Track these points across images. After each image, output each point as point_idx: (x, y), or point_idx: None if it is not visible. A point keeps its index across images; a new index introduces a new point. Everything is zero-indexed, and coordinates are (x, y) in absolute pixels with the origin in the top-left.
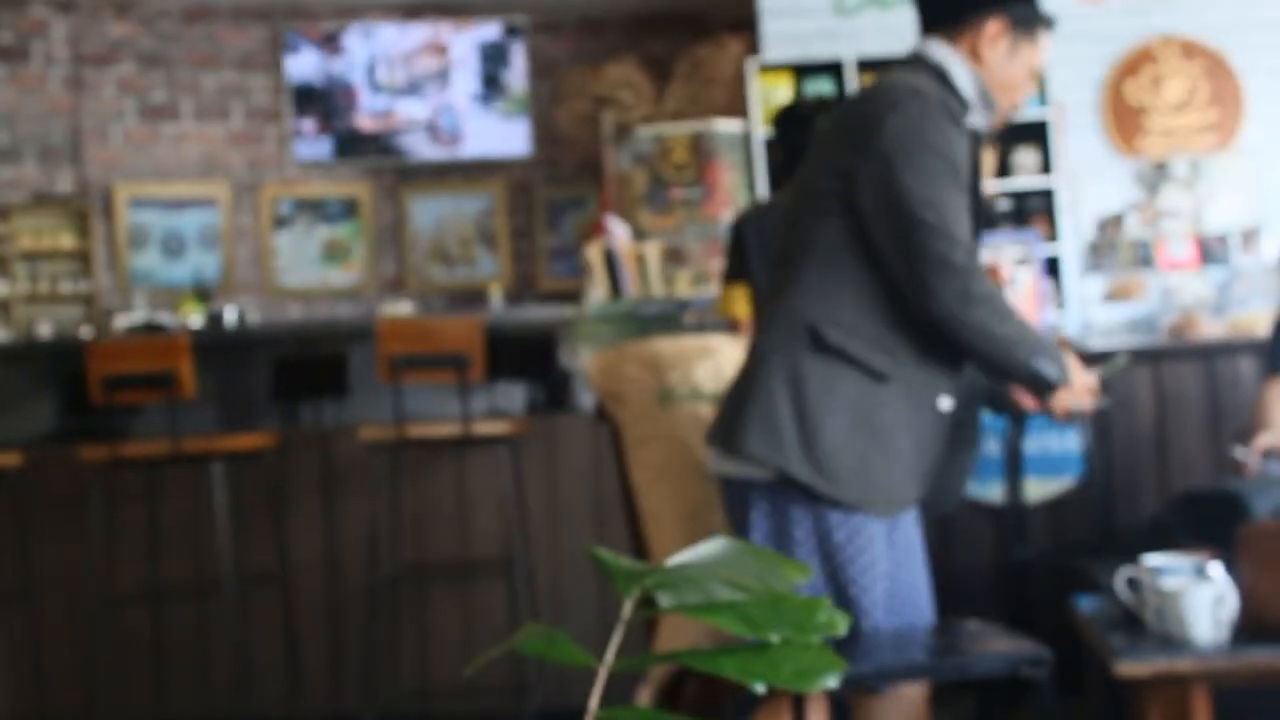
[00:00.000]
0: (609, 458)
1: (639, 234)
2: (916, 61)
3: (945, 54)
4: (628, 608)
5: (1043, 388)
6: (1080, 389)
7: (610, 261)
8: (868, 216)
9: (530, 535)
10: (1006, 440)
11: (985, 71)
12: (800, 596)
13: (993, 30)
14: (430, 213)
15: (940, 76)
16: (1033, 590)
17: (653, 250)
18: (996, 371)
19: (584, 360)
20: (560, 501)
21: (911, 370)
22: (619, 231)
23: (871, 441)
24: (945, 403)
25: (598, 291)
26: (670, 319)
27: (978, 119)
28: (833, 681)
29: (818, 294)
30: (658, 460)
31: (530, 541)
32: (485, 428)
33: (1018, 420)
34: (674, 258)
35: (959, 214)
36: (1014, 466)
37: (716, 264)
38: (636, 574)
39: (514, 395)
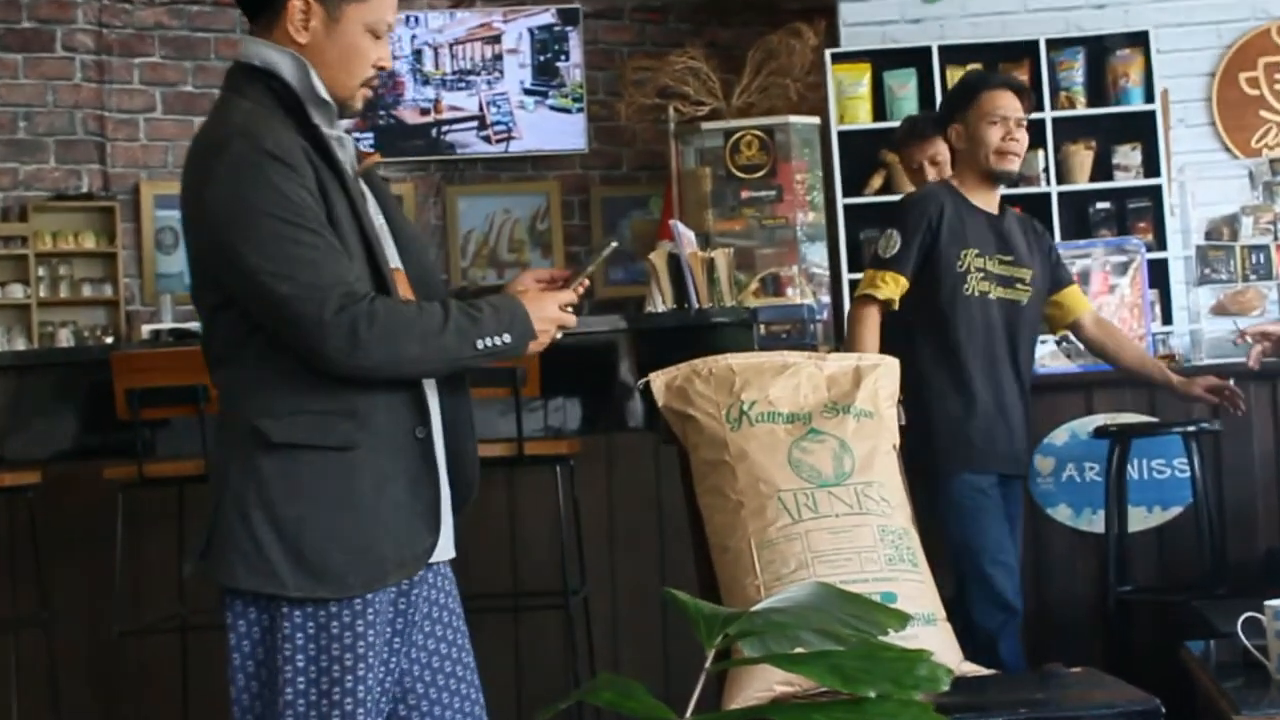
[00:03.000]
0: (674, 482)
1: (706, 238)
2: (241, 73)
3: (268, 52)
4: (711, 657)
5: (513, 355)
6: (546, 325)
7: (675, 267)
8: (242, 301)
9: (587, 563)
10: (1109, 464)
11: (312, 56)
12: (898, 648)
13: (297, 9)
14: (479, 212)
15: (271, 77)
16: (1137, 629)
17: (722, 256)
18: (463, 369)
19: (648, 376)
20: (619, 528)
21: (378, 420)
22: (685, 235)
23: (361, 514)
24: (423, 429)
25: (661, 300)
26: (742, 331)
27: (331, 115)
28: None
29: (247, 390)
30: (730, 487)
31: (587, 571)
32: (539, 447)
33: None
34: (744, 263)
35: (323, 258)
36: (1117, 493)
37: (788, 271)
38: (719, 620)
39: (571, 413)
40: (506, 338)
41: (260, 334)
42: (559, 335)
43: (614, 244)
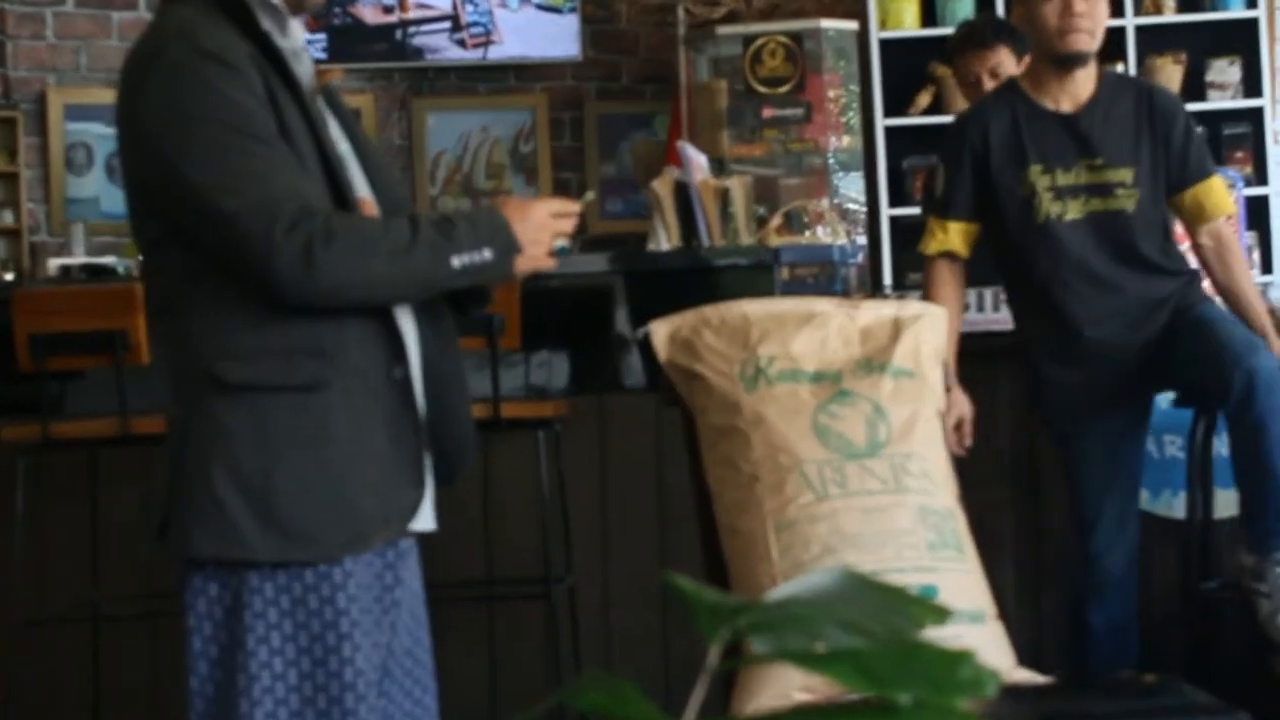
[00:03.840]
0: (677, 451)
1: (720, 163)
2: None
3: None
4: (714, 655)
5: (498, 275)
6: (536, 234)
7: (683, 198)
8: (185, 226)
9: (574, 547)
10: (1192, 437)
11: None
12: (936, 646)
13: None
14: (451, 131)
15: None
16: (1223, 631)
17: (738, 185)
18: (433, 295)
19: (649, 326)
20: (613, 504)
21: (350, 358)
22: (695, 160)
23: (337, 463)
24: (400, 370)
25: (665, 237)
26: (761, 275)
27: (282, 21)
28: None
29: (201, 334)
30: (743, 458)
31: (574, 555)
32: (519, 409)
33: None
34: (765, 195)
35: (273, 170)
36: (1202, 472)
37: (818, 205)
38: (725, 611)
39: (557, 369)
40: (487, 253)
41: (212, 269)
42: (560, 246)
43: (590, 195)
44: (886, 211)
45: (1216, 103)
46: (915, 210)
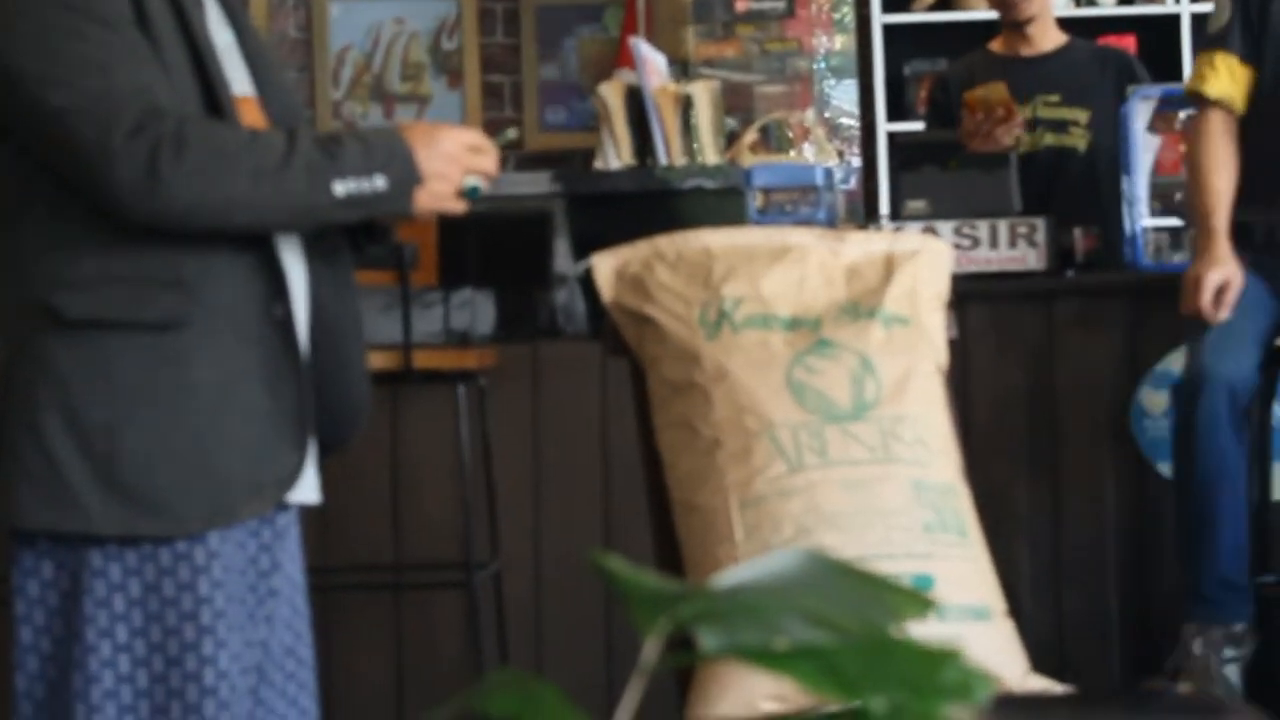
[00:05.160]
0: (626, 410)
1: (683, 66)
2: None
3: None
4: (650, 649)
5: (393, 209)
6: (443, 166)
7: (636, 107)
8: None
9: (500, 525)
10: (1246, 408)
11: None
12: (916, 644)
13: None
14: (359, 23)
15: None
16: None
17: (704, 92)
18: (309, 229)
19: (591, 260)
20: (547, 474)
21: (215, 290)
22: (652, 61)
23: (198, 419)
24: (280, 308)
25: (615, 152)
26: (730, 201)
27: None
28: None
29: (33, 257)
30: (702, 419)
31: (500, 536)
32: (435, 358)
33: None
34: (738, 104)
35: (117, 61)
36: (1259, 444)
37: (801, 118)
38: (665, 598)
39: (482, 311)
40: (380, 181)
41: (47, 177)
42: (472, 183)
43: (511, 134)
44: (884, 127)
45: None
46: (918, 125)
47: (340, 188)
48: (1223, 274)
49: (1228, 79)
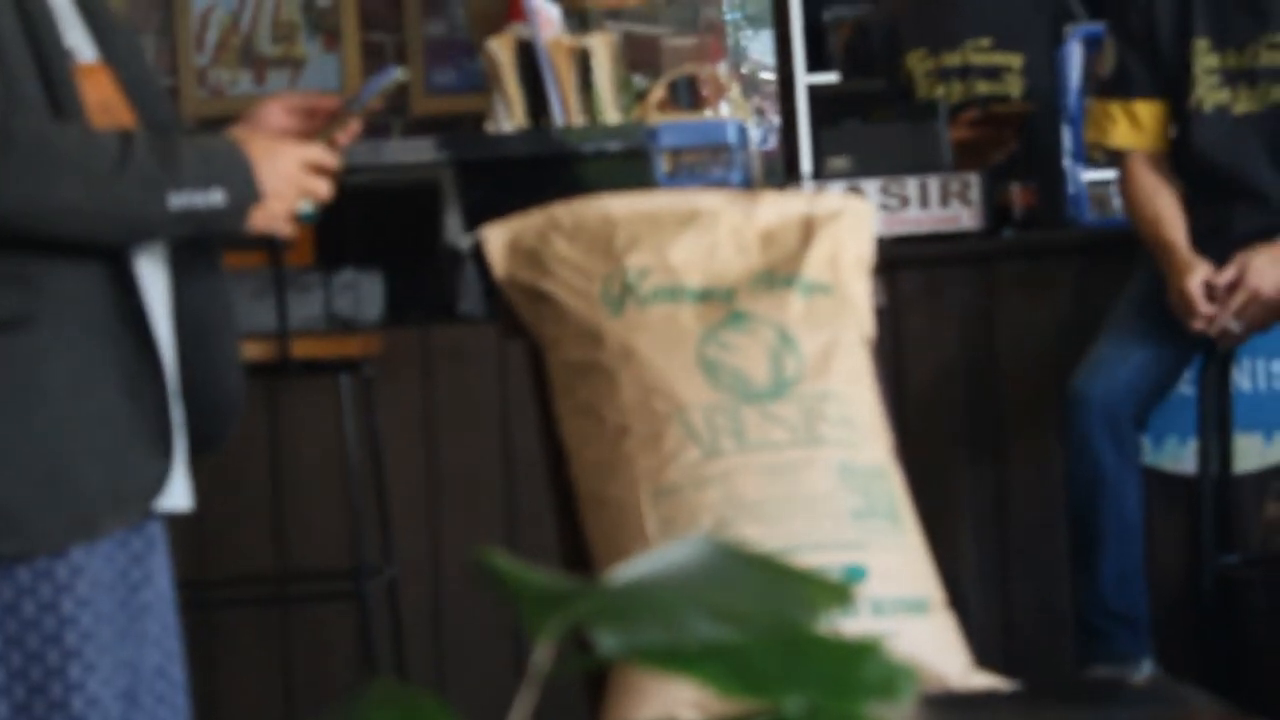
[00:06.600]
0: (527, 398)
1: (581, 18)
2: None
3: None
4: (542, 653)
5: (226, 228)
6: (281, 185)
7: (529, 64)
8: None
9: (394, 528)
10: (1203, 379)
11: None
12: (833, 638)
13: None
14: None
15: None
16: (1245, 612)
17: (604, 45)
18: (135, 243)
19: (483, 234)
20: (444, 471)
21: (65, 285)
22: (544, 12)
23: (50, 424)
24: (136, 300)
25: (508, 114)
26: (635, 164)
27: None
28: None
29: None
30: (608, 404)
31: (394, 539)
32: (315, 347)
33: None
34: (643, 59)
35: None
36: (1217, 414)
37: (712, 71)
38: (556, 597)
39: (365, 293)
40: (217, 196)
41: None
42: (305, 208)
43: (397, 74)
44: (803, 78)
45: None
46: (836, 77)
47: (175, 200)
48: (1199, 276)
49: (1127, 127)
